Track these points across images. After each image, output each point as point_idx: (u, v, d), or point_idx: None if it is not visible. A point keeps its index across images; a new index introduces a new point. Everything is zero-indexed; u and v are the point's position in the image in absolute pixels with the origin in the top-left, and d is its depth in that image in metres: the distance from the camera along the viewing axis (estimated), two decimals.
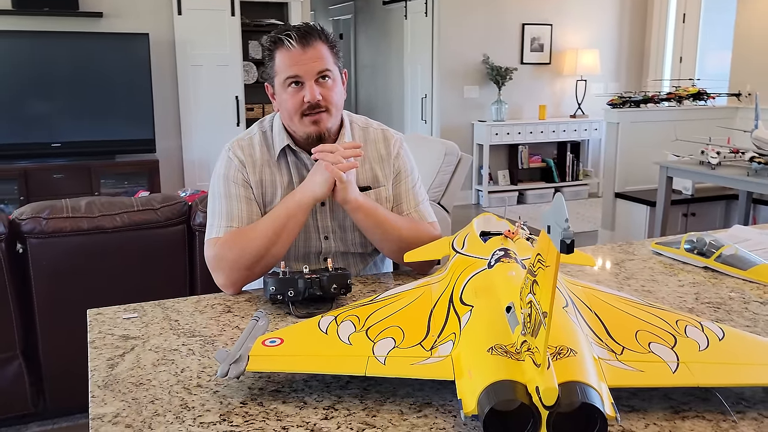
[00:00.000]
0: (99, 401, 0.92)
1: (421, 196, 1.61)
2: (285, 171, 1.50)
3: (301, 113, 1.43)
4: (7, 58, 4.75)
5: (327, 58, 1.43)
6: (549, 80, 6.86)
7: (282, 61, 1.43)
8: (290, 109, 1.44)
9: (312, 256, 1.54)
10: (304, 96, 1.41)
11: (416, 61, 6.86)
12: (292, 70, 1.41)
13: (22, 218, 2.11)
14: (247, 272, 1.38)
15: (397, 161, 1.59)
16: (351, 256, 1.58)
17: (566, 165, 6.91)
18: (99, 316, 1.24)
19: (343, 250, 1.56)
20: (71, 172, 4.84)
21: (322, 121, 1.44)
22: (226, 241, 1.41)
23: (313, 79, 1.42)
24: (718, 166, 3.81)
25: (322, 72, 1.42)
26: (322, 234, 1.53)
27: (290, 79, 1.42)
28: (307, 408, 0.89)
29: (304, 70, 1.41)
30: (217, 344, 1.11)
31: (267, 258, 1.39)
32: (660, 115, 4.87)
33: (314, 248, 1.54)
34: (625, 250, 1.70)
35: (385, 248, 1.52)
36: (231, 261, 1.38)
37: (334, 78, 1.45)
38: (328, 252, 1.54)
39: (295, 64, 1.41)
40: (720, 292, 1.36)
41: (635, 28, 7.09)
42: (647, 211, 4.57)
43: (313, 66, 1.41)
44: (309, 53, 1.41)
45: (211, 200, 1.50)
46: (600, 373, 0.83)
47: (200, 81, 5.38)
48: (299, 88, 1.42)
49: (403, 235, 1.48)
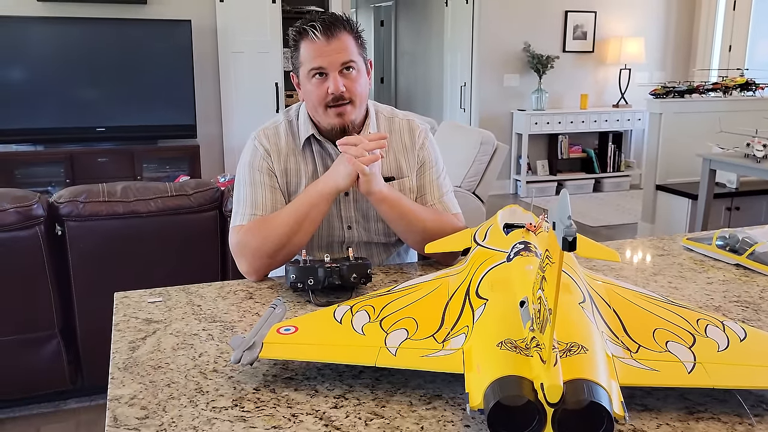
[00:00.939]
0: (118, 383, 0.94)
1: (446, 187, 1.60)
2: (310, 160, 1.51)
3: (326, 105, 1.44)
4: (53, 44, 4.87)
5: (351, 49, 1.43)
6: (592, 69, 6.73)
7: (306, 51, 1.43)
8: (315, 101, 1.45)
9: (335, 245, 1.55)
10: (328, 87, 1.42)
11: (456, 49, 6.79)
12: (316, 61, 1.42)
13: (61, 201, 2.17)
14: (269, 260, 1.40)
15: (422, 152, 1.58)
16: (374, 246, 1.59)
17: (608, 156, 6.78)
18: (125, 300, 1.27)
19: (366, 239, 1.56)
20: (115, 156, 4.96)
21: (347, 113, 1.44)
22: (250, 228, 1.43)
23: (338, 71, 1.42)
24: (763, 159, 3.69)
25: (347, 63, 1.42)
26: (345, 223, 1.54)
27: (314, 70, 1.43)
28: (318, 396, 0.90)
29: (328, 61, 1.41)
30: (237, 330, 1.13)
31: (289, 246, 1.40)
32: (705, 105, 4.73)
33: (337, 237, 1.54)
34: (656, 245, 1.66)
35: (409, 239, 1.52)
36: (253, 248, 1.40)
37: (358, 69, 1.45)
38: (351, 241, 1.55)
39: (320, 56, 1.41)
40: (750, 290, 1.32)
41: (683, 16, 6.89)
42: (689, 204, 4.46)
43: (337, 57, 1.41)
44: (333, 44, 1.41)
45: (236, 188, 1.52)
46: (612, 371, 0.82)
47: (241, 68, 5.43)
48: (323, 80, 1.42)
49: (427, 226, 1.47)
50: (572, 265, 1.06)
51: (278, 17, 5.50)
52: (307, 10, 6.00)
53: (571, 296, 0.95)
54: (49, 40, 4.86)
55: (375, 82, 9.62)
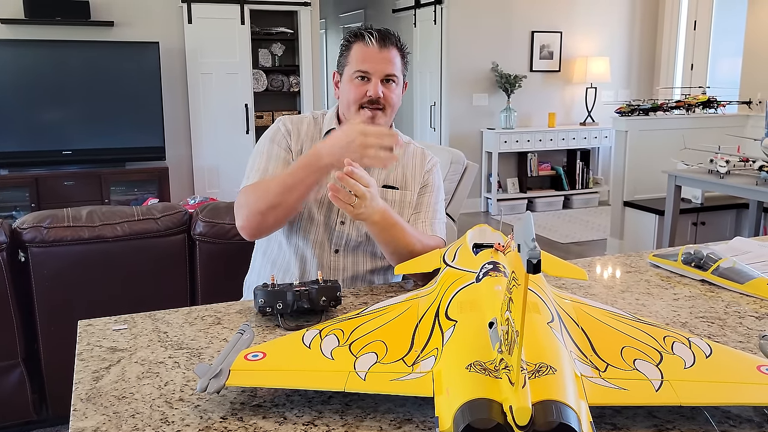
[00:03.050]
0: (80, 414, 0.92)
1: (440, 214, 1.67)
2: None
3: (360, 104, 1.54)
4: (20, 67, 4.81)
5: (397, 64, 1.55)
6: (559, 88, 6.84)
7: (357, 54, 1.54)
8: (351, 99, 1.55)
9: (328, 243, 1.62)
10: (367, 90, 1.52)
11: (425, 69, 6.86)
12: (364, 65, 1.52)
13: (24, 227, 2.13)
14: (260, 216, 1.47)
15: (429, 175, 1.68)
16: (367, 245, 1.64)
17: (576, 173, 6.88)
18: (89, 328, 1.24)
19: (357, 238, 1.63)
20: (82, 179, 4.89)
21: (377, 117, 1.54)
22: (249, 187, 1.54)
23: (380, 78, 1.52)
24: (727, 175, 3.78)
25: (390, 75, 1.53)
26: (339, 218, 1.60)
27: (359, 72, 1.53)
28: (287, 423, 0.89)
29: (374, 68, 1.52)
30: (204, 357, 1.11)
31: (279, 209, 1.45)
32: (669, 123, 4.84)
33: (331, 234, 1.61)
34: (623, 261, 1.68)
35: (393, 258, 1.54)
36: (248, 204, 1.49)
37: (398, 83, 1.57)
38: (344, 237, 1.62)
39: (368, 61, 1.52)
40: (715, 306, 1.34)
41: (646, 36, 7.05)
42: (656, 220, 4.53)
43: (383, 67, 1.52)
44: (383, 54, 1.52)
45: (252, 157, 1.63)
46: (580, 392, 0.82)
47: (210, 89, 5.42)
48: (365, 83, 1.53)
49: (416, 250, 1.49)
50: (540, 284, 1.07)
51: (247, 39, 5.50)
52: (276, 32, 6.02)
53: (540, 316, 0.95)
54: (14, 63, 4.80)
55: None
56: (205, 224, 2.25)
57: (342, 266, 1.63)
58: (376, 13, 8.23)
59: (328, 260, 1.62)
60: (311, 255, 1.62)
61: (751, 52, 5.21)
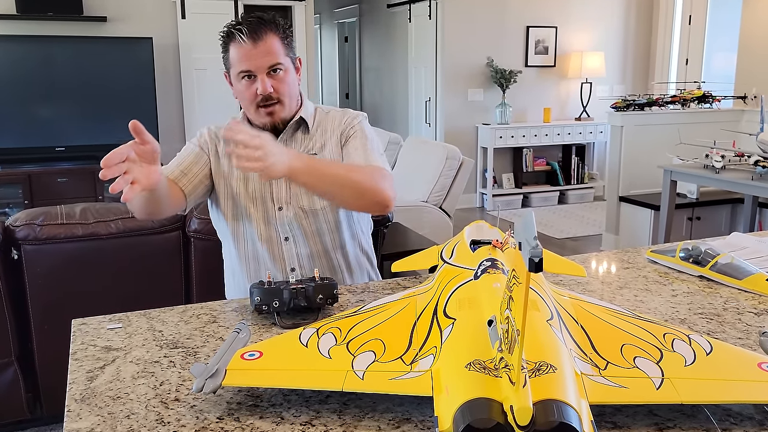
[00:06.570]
0: (74, 416, 0.91)
1: (375, 154, 1.57)
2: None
3: (257, 105, 1.50)
4: (12, 63, 4.77)
5: (278, 51, 1.48)
6: (554, 83, 6.83)
7: (234, 54, 1.48)
8: (246, 101, 1.52)
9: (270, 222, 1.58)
10: (257, 89, 1.47)
11: (420, 64, 6.84)
12: (243, 64, 1.47)
13: (17, 225, 2.11)
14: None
15: (348, 128, 1.61)
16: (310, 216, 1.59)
17: (571, 168, 6.88)
18: (83, 327, 1.23)
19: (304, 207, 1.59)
20: (75, 175, 4.85)
21: (276, 113, 1.52)
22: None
23: (265, 73, 1.47)
24: (722, 169, 3.78)
25: (273, 66, 1.47)
26: (276, 205, 1.57)
27: (243, 72, 1.48)
28: (284, 423, 0.88)
29: (255, 65, 1.46)
30: (200, 356, 1.09)
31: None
32: (664, 118, 4.84)
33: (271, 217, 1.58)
34: (621, 257, 1.67)
35: (345, 202, 1.51)
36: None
37: (286, 69, 1.50)
38: (286, 224, 1.58)
39: (247, 59, 1.46)
40: (714, 302, 1.33)
41: (641, 30, 7.05)
42: (651, 215, 4.53)
43: (264, 61, 1.46)
44: (260, 47, 1.46)
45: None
46: (581, 390, 0.82)
47: (204, 85, 5.39)
48: (252, 81, 1.48)
49: (364, 183, 1.43)
50: (539, 282, 1.06)
51: None
52: None
53: (539, 313, 0.94)
54: (6, 59, 4.76)
55: (340, 98, 9.64)
56: (199, 221, 2.23)
57: (296, 252, 1.59)
58: (370, 8, 8.21)
59: (280, 251, 1.58)
60: (264, 252, 1.58)
61: (746, 47, 5.21)
